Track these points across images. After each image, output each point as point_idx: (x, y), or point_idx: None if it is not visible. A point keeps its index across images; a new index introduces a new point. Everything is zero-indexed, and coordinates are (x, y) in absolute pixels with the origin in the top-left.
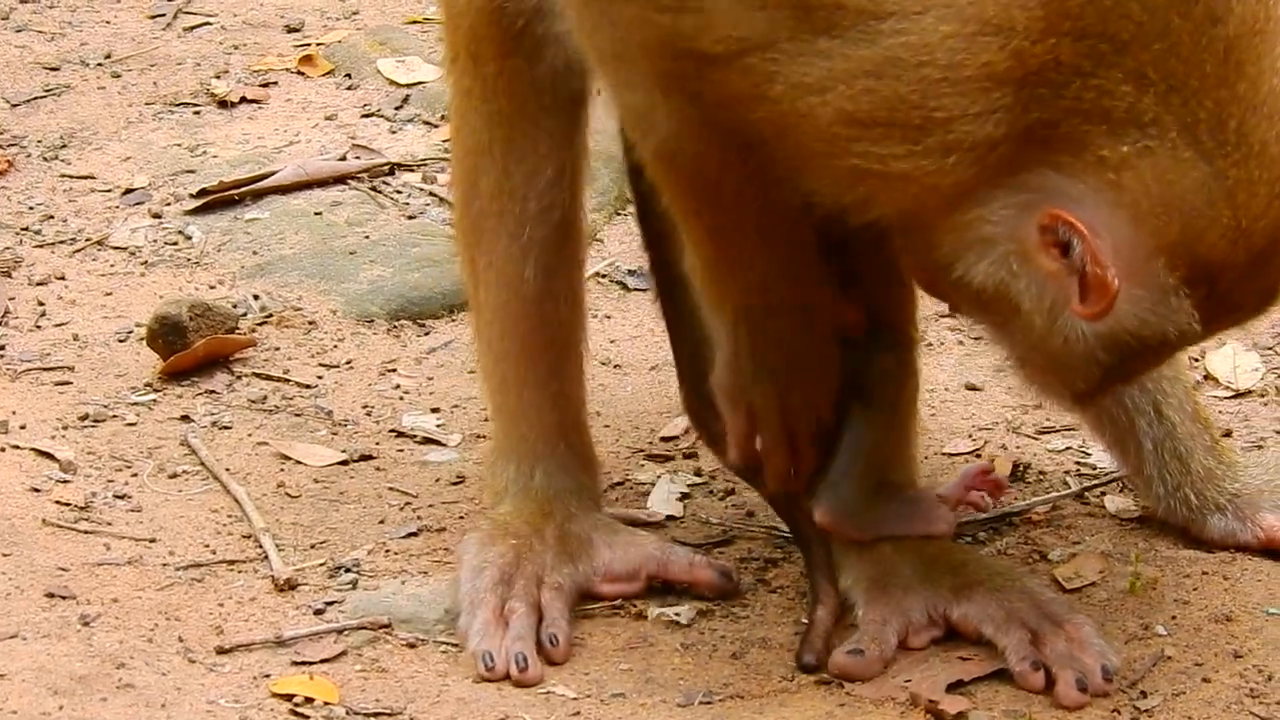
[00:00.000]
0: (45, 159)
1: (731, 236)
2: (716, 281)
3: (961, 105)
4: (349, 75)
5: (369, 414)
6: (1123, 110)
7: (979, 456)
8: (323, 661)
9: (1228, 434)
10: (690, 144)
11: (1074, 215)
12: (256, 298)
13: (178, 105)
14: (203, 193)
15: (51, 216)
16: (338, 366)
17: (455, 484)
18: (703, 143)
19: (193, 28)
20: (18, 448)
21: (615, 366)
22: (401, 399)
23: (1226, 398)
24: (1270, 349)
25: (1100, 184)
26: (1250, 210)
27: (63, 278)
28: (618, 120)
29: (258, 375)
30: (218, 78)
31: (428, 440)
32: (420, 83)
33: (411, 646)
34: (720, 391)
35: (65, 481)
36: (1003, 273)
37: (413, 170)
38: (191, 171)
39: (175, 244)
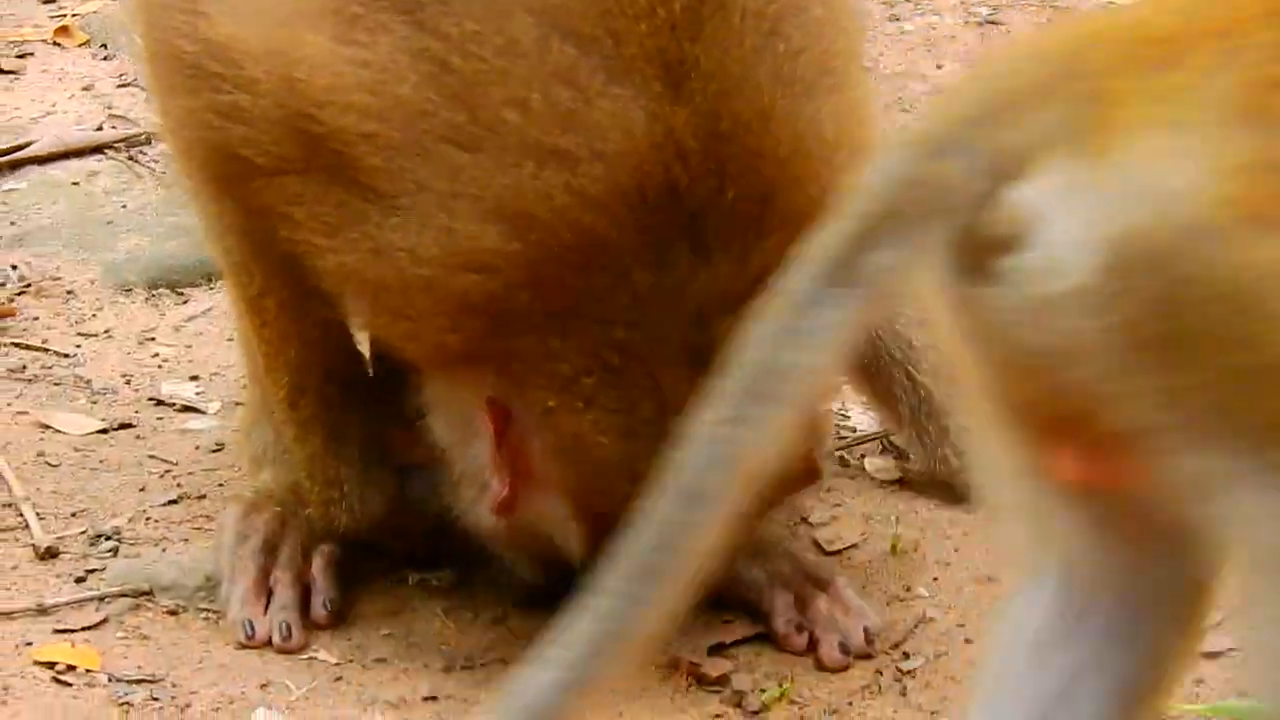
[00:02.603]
0: None
1: (275, 349)
2: (262, 382)
3: (431, 314)
4: (105, 45)
5: (128, 383)
6: (566, 375)
7: None
8: (84, 629)
9: None
10: (241, 253)
11: (505, 416)
12: (15, 268)
13: None
14: None
15: None
16: (96, 335)
17: (215, 451)
18: (252, 256)
19: None
20: None
21: None
22: (160, 367)
23: None
24: None
25: (535, 415)
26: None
27: None
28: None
29: (16, 345)
30: None
31: (187, 408)
32: None
33: (173, 614)
34: None
35: None
36: (452, 437)
37: None
38: None
39: None
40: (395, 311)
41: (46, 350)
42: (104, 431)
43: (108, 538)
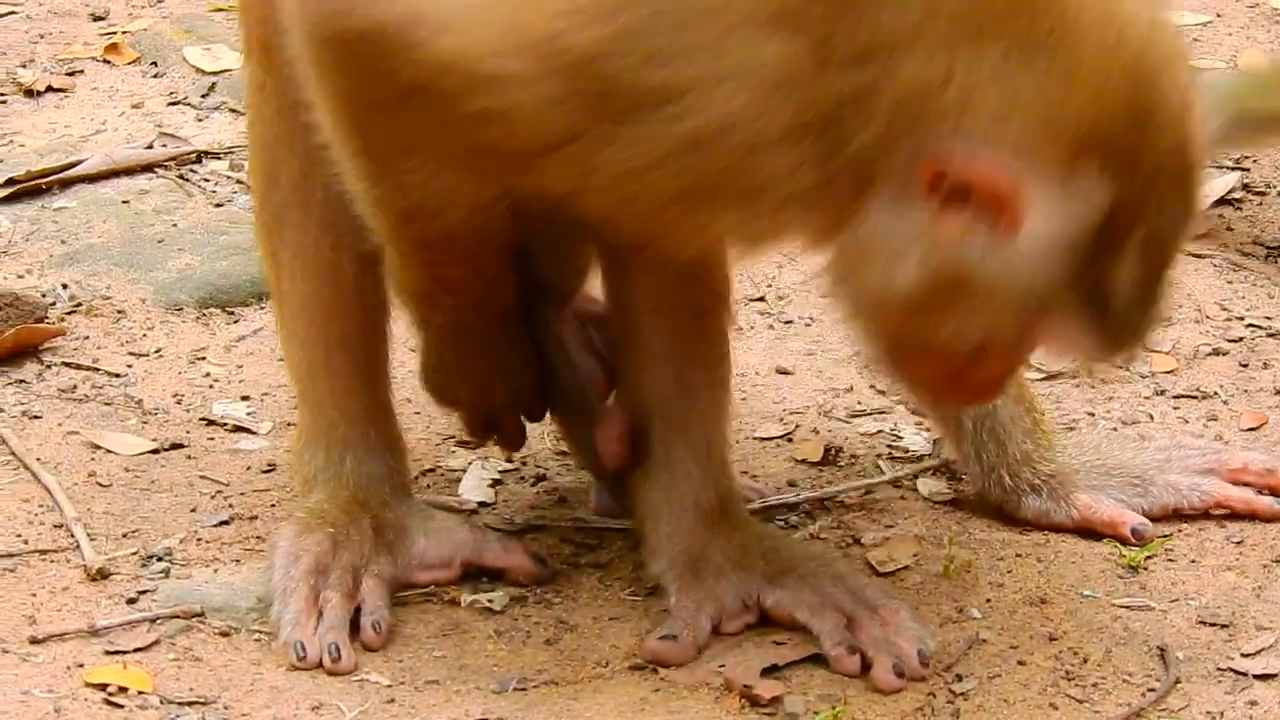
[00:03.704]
0: None
1: (441, 270)
2: (419, 301)
3: (776, 164)
4: (155, 63)
5: (179, 402)
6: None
7: (790, 441)
8: (136, 651)
9: None
10: (445, 210)
11: (944, 157)
12: (65, 287)
13: None
14: (10, 182)
15: None
16: (147, 355)
17: (266, 472)
18: (461, 210)
19: None
20: None
21: None
22: (211, 387)
23: (1039, 380)
24: None
25: (959, 126)
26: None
27: None
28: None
29: (67, 364)
30: (24, 67)
31: (238, 428)
32: (226, 70)
33: (225, 635)
34: (429, 393)
35: None
36: (925, 263)
37: (220, 158)
38: None
39: None
40: (746, 196)
41: (97, 370)
42: (155, 452)
43: (159, 559)
